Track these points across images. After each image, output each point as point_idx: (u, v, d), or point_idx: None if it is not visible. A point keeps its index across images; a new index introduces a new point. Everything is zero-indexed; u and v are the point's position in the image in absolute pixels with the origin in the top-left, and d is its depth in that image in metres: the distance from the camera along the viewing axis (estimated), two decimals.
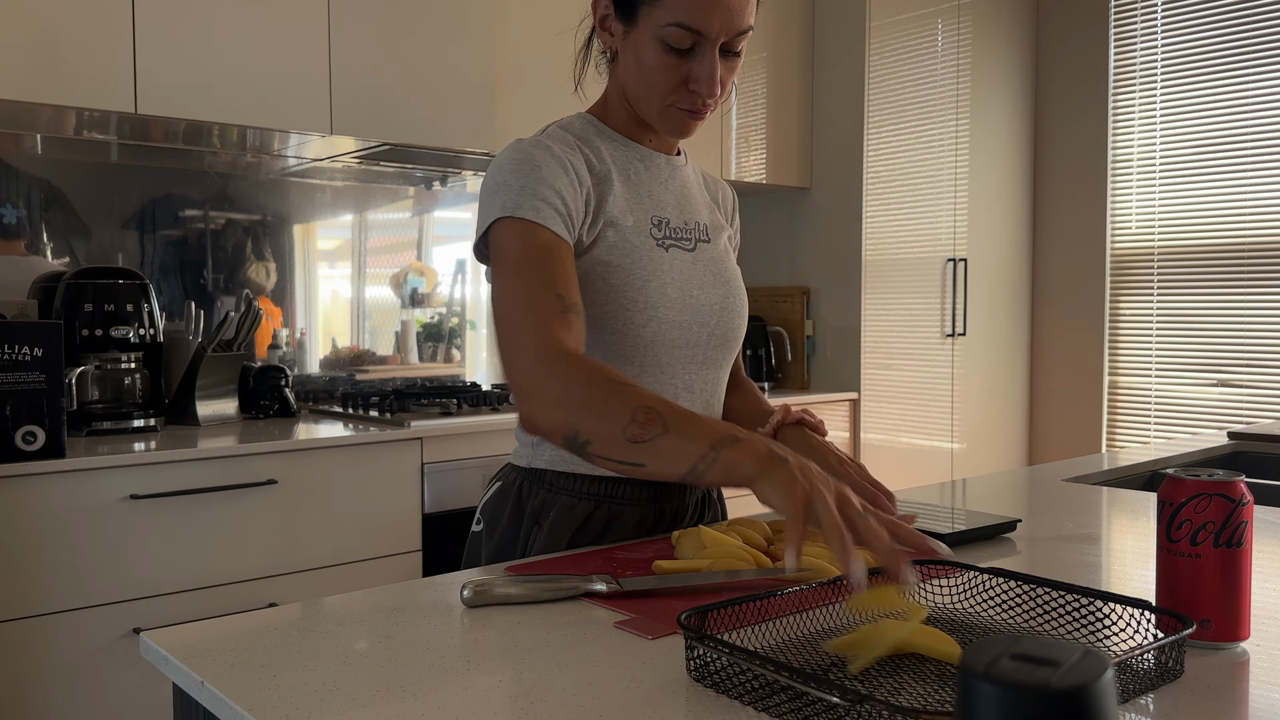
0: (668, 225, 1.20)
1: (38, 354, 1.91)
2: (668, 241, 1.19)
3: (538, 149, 1.11)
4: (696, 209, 1.25)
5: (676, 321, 1.17)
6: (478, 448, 2.47)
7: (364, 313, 2.99)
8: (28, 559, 1.89)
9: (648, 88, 1.13)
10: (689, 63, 1.11)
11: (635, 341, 1.15)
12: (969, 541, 1.20)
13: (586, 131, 1.21)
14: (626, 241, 1.15)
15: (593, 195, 1.14)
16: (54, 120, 2.28)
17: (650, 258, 1.16)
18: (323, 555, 2.23)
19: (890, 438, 3.52)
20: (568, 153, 1.14)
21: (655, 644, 0.84)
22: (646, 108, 1.16)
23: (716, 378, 1.26)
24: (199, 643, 0.85)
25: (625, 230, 1.15)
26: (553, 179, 1.09)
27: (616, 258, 1.14)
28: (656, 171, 1.22)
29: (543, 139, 1.14)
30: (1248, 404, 3.59)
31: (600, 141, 1.20)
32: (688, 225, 1.22)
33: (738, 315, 1.25)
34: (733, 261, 1.29)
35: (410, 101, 2.55)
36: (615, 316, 1.14)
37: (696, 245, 1.22)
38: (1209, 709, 0.71)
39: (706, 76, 1.11)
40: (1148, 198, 3.80)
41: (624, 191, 1.18)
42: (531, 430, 1.01)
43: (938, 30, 3.59)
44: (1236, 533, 0.82)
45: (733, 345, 1.26)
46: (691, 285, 1.19)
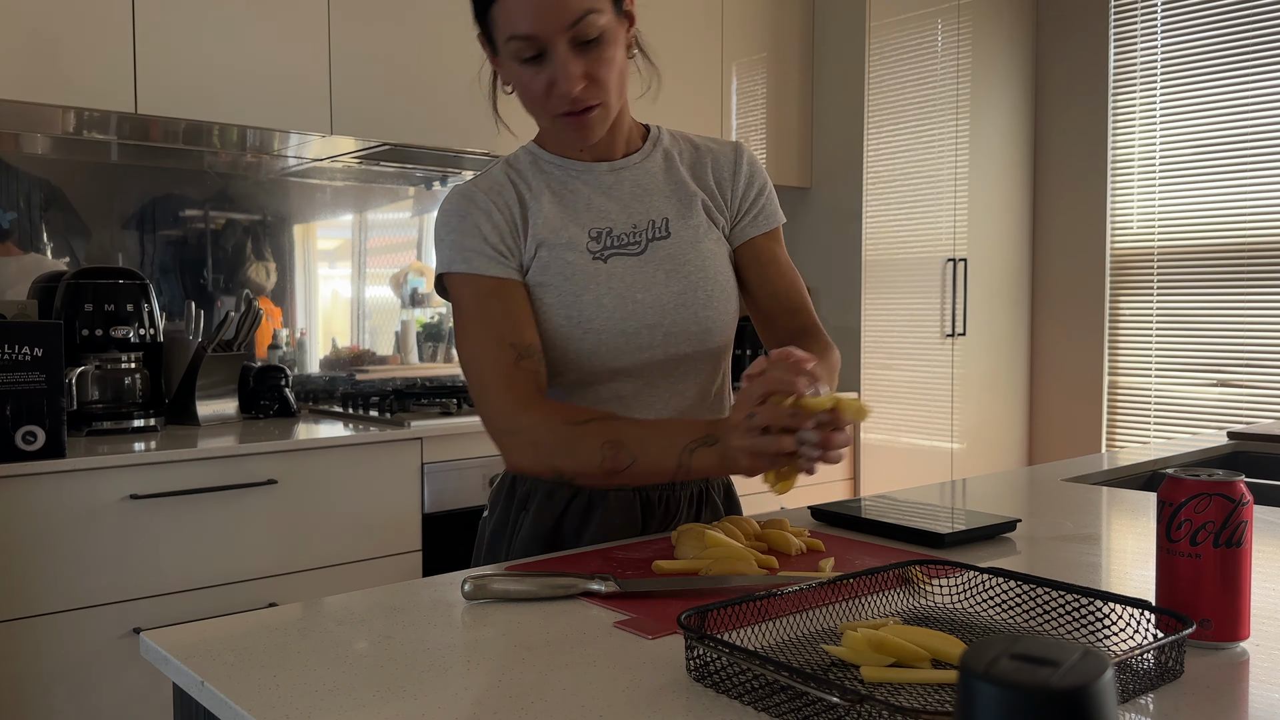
0: (609, 235, 1.20)
1: (38, 354, 1.91)
2: (607, 252, 1.20)
3: (462, 200, 1.19)
4: (652, 205, 1.23)
5: (618, 330, 1.18)
6: (478, 448, 2.47)
7: (364, 313, 2.99)
8: (28, 559, 1.89)
9: (529, 105, 1.16)
10: (545, 69, 1.10)
11: (577, 354, 1.18)
12: (969, 541, 1.20)
13: (523, 162, 1.25)
14: (559, 259, 1.18)
15: (521, 225, 1.19)
16: (54, 120, 2.28)
17: (585, 272, 1.18)
18: (323, 555, 2.23)
19: (890, 438, 3.52)
20: (493, 195, 1.19)
21: (655, 644, 0.84)
22: (541, 125, 1.20)
23: (692, 367, 1.24)
24: (199, 643, 0.85)
25: (558, 248, 1.18)
26: (476, 227, 1.17)
27: (549, 278, 1.18)
28: (596, 183, 1.23)
29: (469, 187, 1.21)
30: (1248, 404, 3.59)
31: (536, 169, 1.23)
32: (636, 228, 1.22)
33: (703, 306, 1.22)
34: (706, 247, 1.23)
35: (410, 101, 2.55)
36: (555, 333, 1.18)
37: (647, 246, 1.21)
38: (1209, 709, 0.71)
39: (562, 76, 1.09)
40: (1148, 198, 3.80)
41: (557, 211, 1.20)
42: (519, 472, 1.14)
43: (938, 30, 3.59)
44: (1236, 533, 0.82)
45: (703, 338, 1.23)
46: (636, 289, 1.19)
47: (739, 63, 3.35)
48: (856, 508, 1.29)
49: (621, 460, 1.05)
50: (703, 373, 1.27)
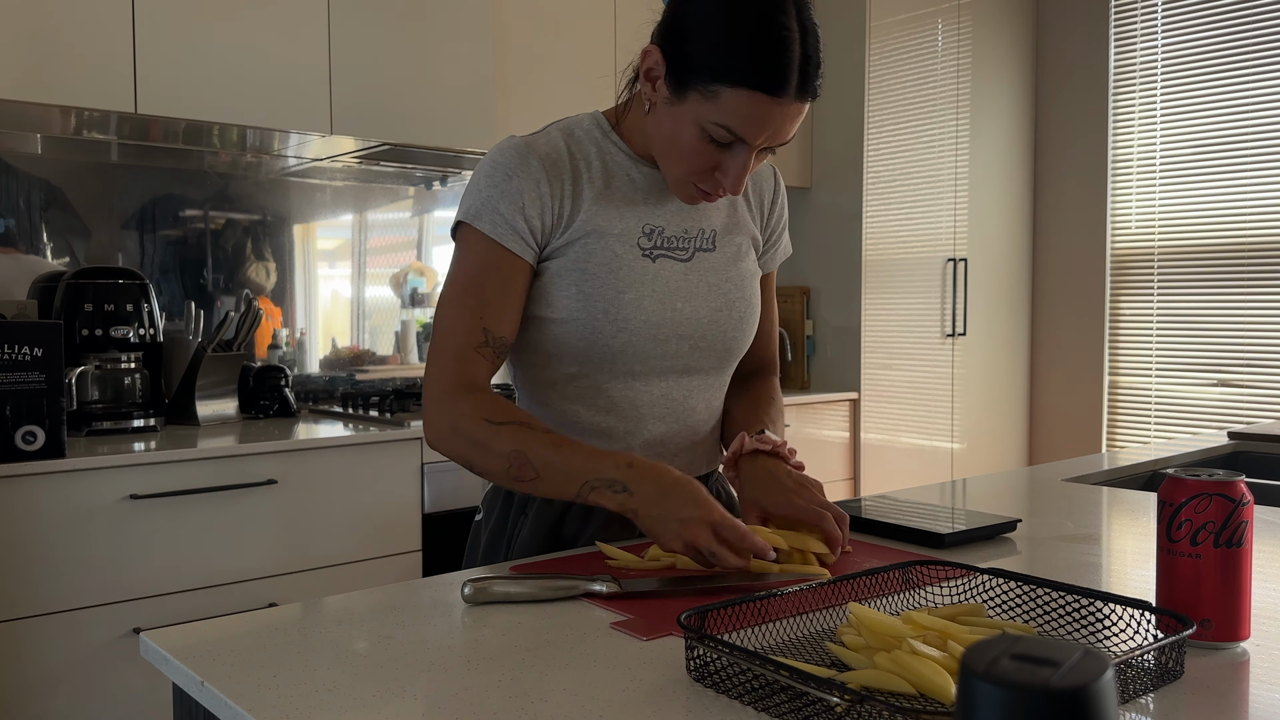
0: (660, 234, 1.17)
1: (38, 354, 1.91)
2: (657, 252, 1.16)
3: (516, 158, 1.12)
4: (705, 215, 1.22)
5: (651, 335, 1.16)
6: None
7: (364, 313, 2.99)
8: (28, 559, 1.89)
9: (675, 160, 1.10)
10: (722, 154, 1.08)
11: (604, 351, 1.15)
12: (969, 541, 1.20)
13: (592, 134, 1.19)
14: (607, 250, 1.14)
15: (569, 205, 1.14)
16: (54, 120, 2.28)
17: (632, 268, 1.14)
18: (323, 555, 2.23)
19: (890, 438, 3.52)
20: (548, 164, 1.13)
21: (654, 644, 0.84)
22: (666, 171, 1.13)
23: (704, 384, 1.24)
24: (199, 643, 0.85)
25: (609, 238, 1.14)
26: (519, 193, 1.11)
27: (594, 266, 1.13)
28: (657, 179, 1.19)
29: (528, 145, 1.14)
30: (1248, 404, 3.59)
31: (602, 148, 1.18)
32: (687, 233, 1.19)
33: (734, 327, 1.22)
34: (745, 267, 1.24)
35: (410, 101, 2.55)
36: (585, 324, 1.14)
37: (694, 255, 1.19)
38: (1209, 709, 0.71)
39: (735, 175, 1.09)
40: (1148, 198, 3.80)
41: (614, 198, 1.16)
42: (433, 448, 1.12)
43: (938, 30, 3.59)
44: (1236, 533, 0.82)
45: (725, 356, 1.24)
46: (677, 297, 1.17)
47: None
48: (857, 508, 1.29)
49: (526, 474, 1.06)
50: (713, 388, 1.26)
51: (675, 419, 1.22)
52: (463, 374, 1.10)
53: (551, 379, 1.19)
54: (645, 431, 1.21)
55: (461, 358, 1.10)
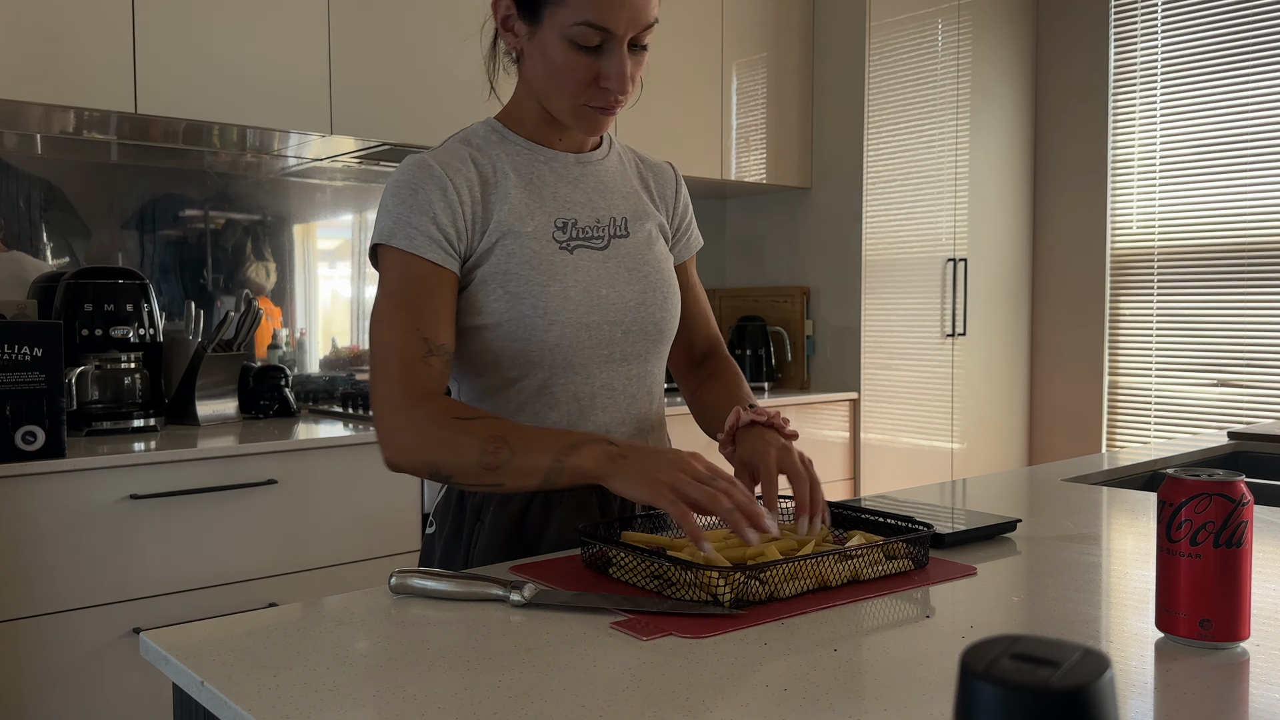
0: (574, 226, 1.19)
1: (37, 354, 1.91)
2: (573, 243, 1.18)
3: (420, 171, 1.13)
4: (613, 203, 1.24)
5: (582, 323, 1.17)
6: None
7: (364, 313, 2.99)
8: (28, 559, 1.89)
9: (558, 87, 1.13)
10: (599, 60, 1.10)
11: (540, 346, 1.16)
12: (969, 541, 1.20)
13: (489, 140, 1.21)
14: (526, 248, 1.15)
15: (480, 210, 1.15)
16: (54, 120, 2.28)
17: (551, 262, 1.16)
18: (323, 555, 2.23)
19: (890, 438, 3.52)
20: (452, 172, 1.14)
21: (653, 644, 0.84)
22: (558, 106, 1.15)
23: (643, 372, 1.26)
24: (199, 643, 0.85)
25: (524, 237, 1.15)
26: (429, 204, 1.12)
27: (515, 265, 1.15)
28: (564, 172, 1.21)
29: (429, 158, 1.15)
30: (1248, 404, 3.59)
31: (501, 149, 1.20)
32: (599, 223, 1.21)
33: (659, 308, 1.24)
34: (659, 250, 1.26)
35: (410, 101, 2.55)
36: (517, 323, 1.15)
37: (610, 242, 1.21)
38: (1209, 709, 0.71)
39: (617, 73, 1.10)
40: (1148, 198, 3.80)
41: (524, 197, 1.18)
42: (394, 469, 1.09)
43: (938, 30, 3.59)
44: (1236, 533, 0.82)
45: (657, 338, 1.25)
46: (600, 284, 1.18)
47: (739, 63, 3.35)
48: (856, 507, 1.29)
49: (501, 456, 1.02)
50: (651, 373, 1.28)
51: (619, 409, 1.24)
52: (414, 385, 1.08)
53: (494, 386, 1.20)
54: (592, 426, 1.21)
55: (409, 371, 1.08)
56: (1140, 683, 0.77)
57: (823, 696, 0.73)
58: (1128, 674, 0.79)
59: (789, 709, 0.71)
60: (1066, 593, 1.00)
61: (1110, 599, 0.98)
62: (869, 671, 0.78)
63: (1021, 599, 0.98)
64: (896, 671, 0.78)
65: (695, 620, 0.90)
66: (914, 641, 0.85)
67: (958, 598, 0.98)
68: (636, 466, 0.97)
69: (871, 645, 0.84)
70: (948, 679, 0.77)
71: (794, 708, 0.71)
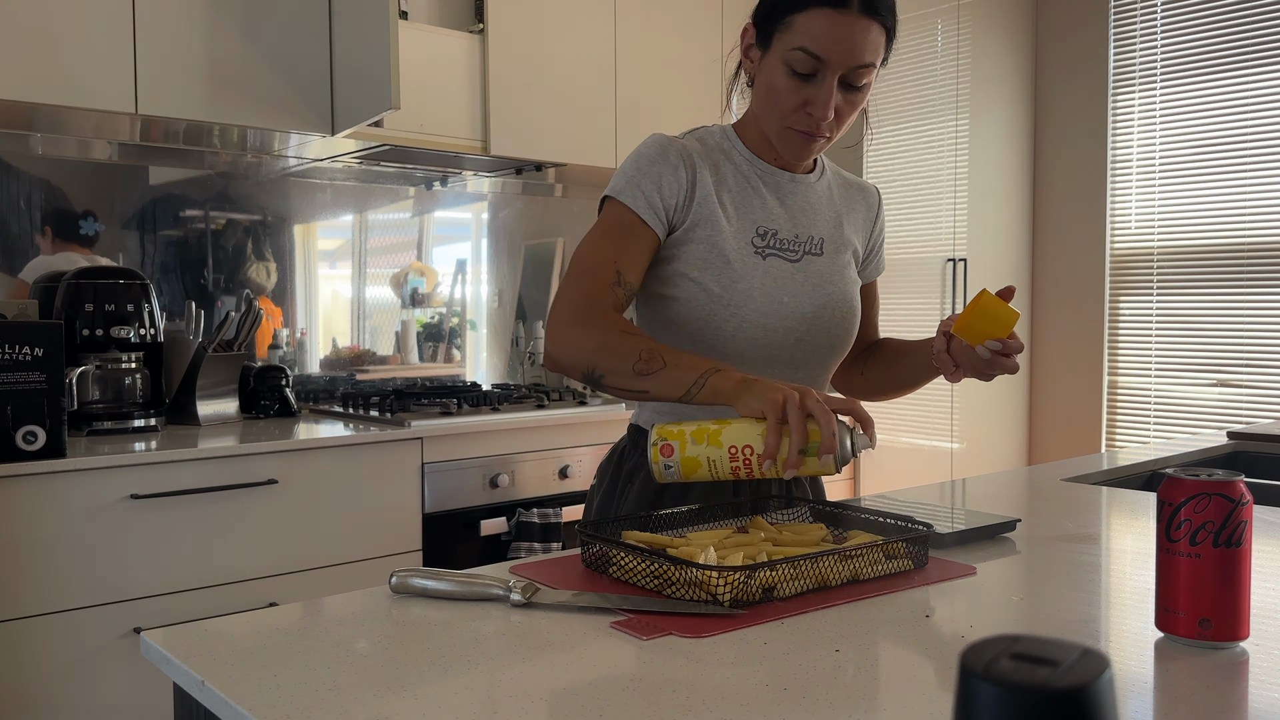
0: (774, 236, 1.31)
1: (38, 354, 1.91)
2: (768, 251, 1.30)
3: (658, 149, 1.28)
4: (815, 223, 1.35)
5: (760, 323, 1.28)
6: (478, 448, 2.47)
7: (364, 313, 2.99)
8: (28, 559, 1.89)
9: (771, 107, 1.26)
10: (809, 87, 1.22)
11: (718, 333, 1.27)
12: (968, 541, 1.20)
13: (721, 143, 1.34)
14: (724, 243, 1.27)
15: (696, 197, 1.27)
16: (54, 120, 2.28)
17: (745, 262, 1.28)
18: (323, 555, 2.23)
19: (890, 438, 3.52)
20: (685, 157, 1.28)
21: (653, 644, 0.85)
22: (768, 126, 1.28)
23: (808, 378, 1.36)
24: (199, 642, 0.86)
25: (725, 233, 1.27)
26: (658, 176, 1.26)
27: (712, 255, 1.27)
28: (776, 187, 1.33)
29: (670, 141, 1.29)
30: (1247, 404, 3.59)
31: (729, 152, 1.33)
32: (798, 238, 1.33)
33: (837, 326, 1.34)
34: (848, 275, 1.37)
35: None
36: (703, 305, 1.26)
37: (803, 257, 1.33)
38: (1209, 709, 0.72)
39: (823, 101, 1.21)
40: (1147, 198, 3.80)
41: (734, 199, 1.30)
42: (553, 368, 1.20)
43: (938, 30, 3.59)
44: (1236, 532, 0.82)
45: (829, 353, 1.36)
46: (784, 293, 1.29)
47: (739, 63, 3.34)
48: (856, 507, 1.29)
49: (654, 365, 1.13)
50: (817, 384, 1.38)
51: None
52: (596, 299, 1.20)
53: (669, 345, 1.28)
54: None
55: (597, 287, 1.21)
56: (1140, 682, 0.77)
57: (823, 696, 0.73)
58: (1127, 674, 0.79)
59: (789, 709, 0.71)
60: (1066, 592, 1.00)
61: (1110, 599, 0.98)
62: (869, 671, 0.78)
63: (1021, 599, 0.98)
64: (896, 671, 0.78)
65: (695, 620, 0.90)
66: (914, 641, 0.85)
67: (957, 597, 0.98)
68: (762, 389, 1.05)
69: (871, 645, 0.84)
70: (947, 679, 0.77)
71: (794, 708, 0.72)
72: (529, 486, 2.56)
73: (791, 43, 1.20)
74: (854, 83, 1.22)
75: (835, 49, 1.18)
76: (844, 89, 1.22)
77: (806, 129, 1.25)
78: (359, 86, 2.36)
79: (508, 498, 2.53)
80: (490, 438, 2.49)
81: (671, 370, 1.12)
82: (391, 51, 2.24)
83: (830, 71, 1.20)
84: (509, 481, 2.52)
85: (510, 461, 2.53)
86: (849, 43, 1.18)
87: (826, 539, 1.11)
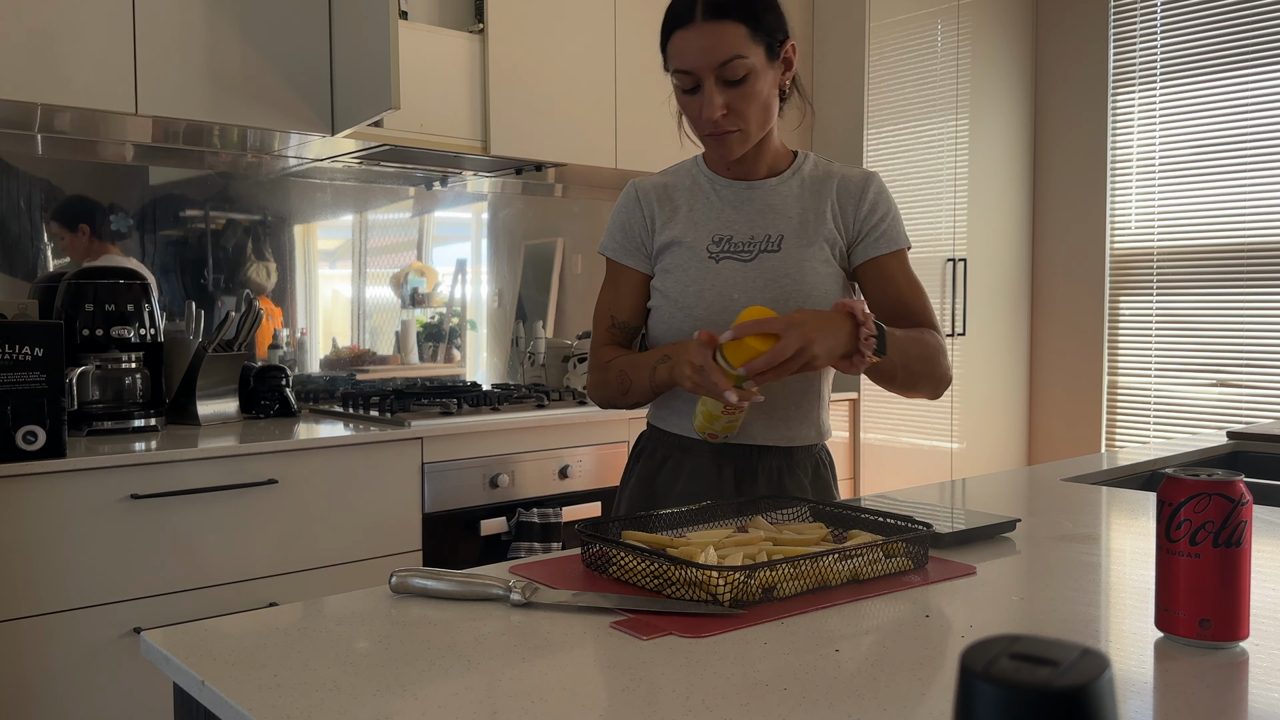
0: (728, 241, 1.44)
1: (38, 354, 1.91)
2: (721, 255, 1.44)
3: (623, 197, 1.51)
4: (775, 223, 1.45)
5: (713, 320, 1.40)
6: (478, 447, 2.47)
7: (364, 313, 2.99)
8: (28, 559, 1.89)
9: (691, 126, 1.43)
10: (698, 98, 1.36)
11: (678, 334, 1.44)
12: (968, 541, 1.20)
13: (690, 170, 1.52)
14: (682, 256, 1.45)
15: (656, 227, 1.48)
16: (54, 120, 2.28)
17: (697, 268, 1.43)
18: (323, 555, 2.23)
19: (890, 438, 3.52)
20: (643, 196, 1.49)
21: (653, 644, 0.85)
22: (699, 141, 1.44)
23: None
24: (200, 642, 0.86)
25: (684, 247, 1.45)
26: (626, 221, 1.50)
27: (673, 268, 1.46)
28: (733, 196, 1.47)
29: (632, 187, 1.50)
30: (1247, 404, 3.59)
31: (696, 176, 1.50)
32: (754, 239, 1.44)
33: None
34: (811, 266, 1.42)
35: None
36: (666, 310, 1.46)
37: (757, 256, 1.43)
38: (1209, 709, 0.72)
39: (706, 105, 1.35)
40: (1147, 198, 3.80)
41: (695, 216, 1.46)
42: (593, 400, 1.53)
43: (937, 30, 3.59)
44: (1236, 532, 0.82)
45: None
46: (734, 290, 1.41)
47: None
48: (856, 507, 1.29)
49: (625, 384, 1.43)
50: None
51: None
52: (597, 345, 1.52)
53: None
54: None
55: (598, 334, 1.52)
56: (1139, 682, 0.77)
57: (823, 696, 0.74)
58: (1127, 673, 0.79)
59: (789, 709, 0.71)
60: (1066, 592, 1.00)
61: (1109, 598, 0.98)
62: (869, 671, 0.79)
63: (1021, 599, 0.98)
64: (896, 671, 0.78)
65: (695, 620, 0.90)
66: (913, 641, 0.85)
67: (957, 597, 0.98)
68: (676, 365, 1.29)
69: (871, 645, 0.84)
70: (947, 678, 0.77)
71: (794, 708, 0.72)
72: (529, 486, 2.56)
73: (671, 67, 1.37)
74: (731, 78, 1.33)
75: (693, 59, 1.33)
76: (728, 86, 1.34)
77: (712, 131, 1.38)
78: (359, 86, 2.36)
79: (508, 498, 2.53)
80: (490, 438, 2.49)
81: (636, 384, 1.41)
82: (392, 51, 2.24)
83: (703, 78, 1.33)
84: (509, 481, 2.52)
85: (510, 461, 2.53)
86: (702, 49, 1.32)
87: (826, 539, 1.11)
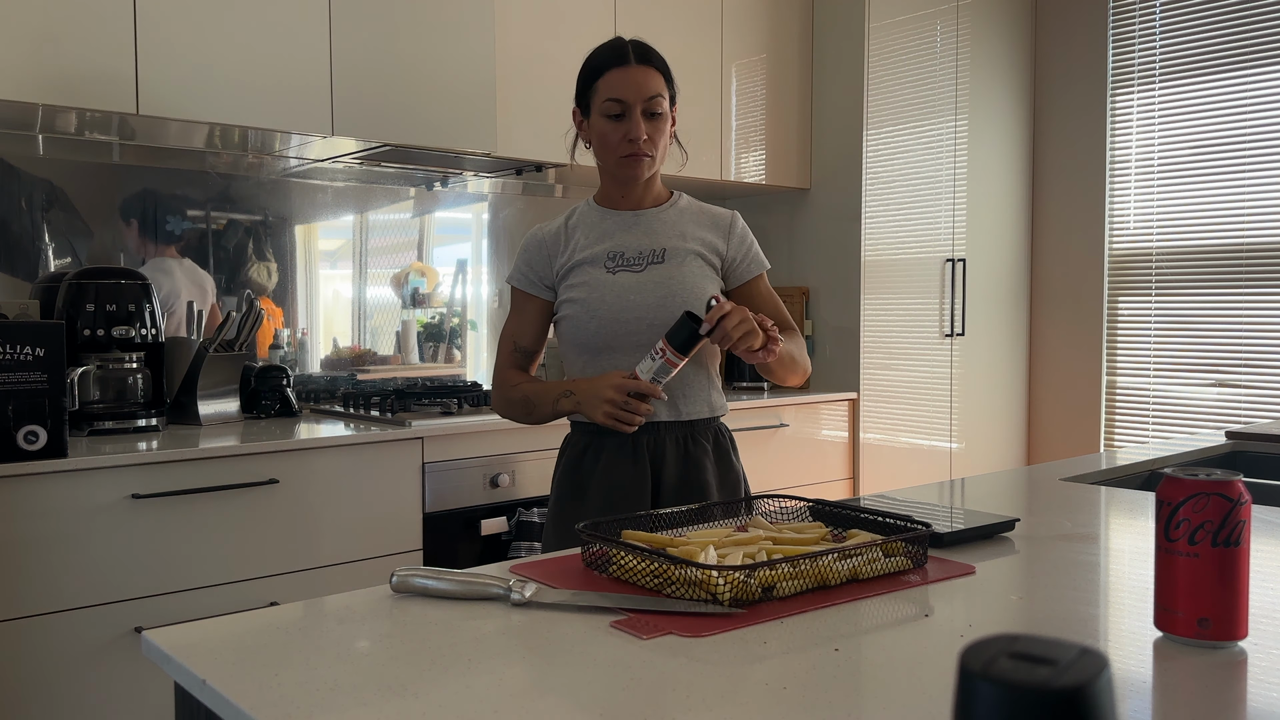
0: (621, 256, 1.70)
1: (39, 354, 1.91)
2: (617, 268, 1.69)
3: (527, 239, 1.77)
4: (659, 239, 1.72)
5: (615, 318, 1.66)
6: (478, 447, 2.47)
7: (365, 313, 2.99)
8: (28, 559, 1.89)
9: (605, 150, 1.68)
10: (624, 124, 1.65)
11: (589, 333, 1.68)
12: (967, 541, 1.20)
13: (584, 210, 1.77)
14: (585, 272, 1.70)
15: (564, 254, 1.72)
16: (54, 120, 2.28)
17: (598, 280, 1.69)
18: (324, 555, 2.24)
19: (890, 438, 3.52)
20: (545, 237, 1.75)
21: (653, 644, 0.85)
22: (607, 163, 1.70)
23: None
24: (201, 642, 0.86)
25: (585, 265, 1.70)
26: (530, 258, 1.75)
27: (577, 283, 1.70)
28: (622, 222, 1.73)
29: (535, 231, 1.76)
30: (1246, 404, 3.59)
31: (587, 215, 1.76)
32: (642, 254, 1.70)
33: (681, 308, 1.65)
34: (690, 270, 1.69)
35: (411, 102, 2.55)
36: (575, 319, 1.69)
37: (647, 267, 1.69)
38: (1207, 708, 0.72)
39: (634, 127, 1.64)
40: (1146, 198, 3.81)
41: (589, 242, 1.72)
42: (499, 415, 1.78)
43: (937, 31, 3.59)
44: (1234, 532, 0.82)
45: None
46: (630, 294, 1.67)
47: (738, 63, 3.35)
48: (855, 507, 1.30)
49: (527, 409, 1.70)
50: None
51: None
52: (500, 367, 1.78)
53: (575, 361, 1.73)
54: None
55: (501, 358, 1.78)
56: (1138, 682, 0.77)
57: (822, 696, 0.74)
58: (1126, 673, 0.79)
59: (789, 708, 0.72)
60: (1065, 592, 1.00)
61: (1108, 598, 0.99)
62: (868, 671, 0.79)
63: (1020, 598, 0.98)
64: (896, 670, 0.79)
65: (695, 620, 0.90)
66: (913, 640, 0.85)
67: (956, 597, 0.98)
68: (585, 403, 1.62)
69: (871, 644, 0.85)
70: (947, 678, 0.77)
71: (794, 707, 0.72)
72: (529, 486, 2.57)
73: (602, 98, 1.64)
74: (653, 110, 1.65)
75: (629, 91, 1.63)
76: (647, 118, 1.65)
77: (632, 153, 1.65)
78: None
79: (508, 497, 2.53)
80: (490, 437, 2.49)
81: (537, 410, 1.69)
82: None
83: (633, 107, 1.63)
84: (509, 481, 2.52)
85: (510, 461, 2.53)
86: (637, 84, 1.63)
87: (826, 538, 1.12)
